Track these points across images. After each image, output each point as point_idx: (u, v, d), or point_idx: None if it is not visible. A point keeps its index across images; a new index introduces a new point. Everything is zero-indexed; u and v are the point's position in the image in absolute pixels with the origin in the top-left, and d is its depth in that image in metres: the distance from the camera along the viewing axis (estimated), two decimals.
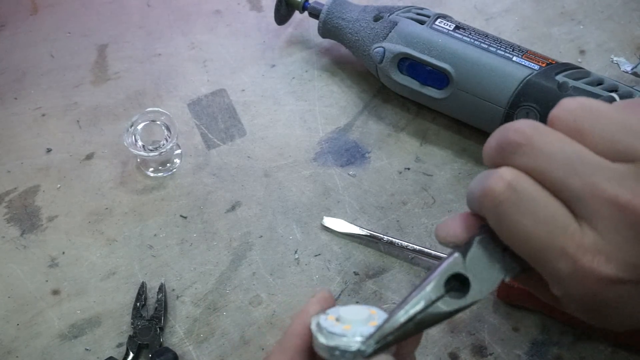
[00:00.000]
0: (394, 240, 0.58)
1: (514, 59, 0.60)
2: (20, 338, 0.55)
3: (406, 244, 0.58)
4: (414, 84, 0.63)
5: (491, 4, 0.76)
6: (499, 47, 0.61)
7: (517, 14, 0.75)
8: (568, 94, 0.58)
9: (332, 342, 0.37)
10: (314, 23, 0.70)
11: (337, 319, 0.38)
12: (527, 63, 0.60)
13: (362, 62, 0.68)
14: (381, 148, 0.65)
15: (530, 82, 0.59)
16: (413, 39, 0.62)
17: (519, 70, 0.59)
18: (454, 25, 0.63)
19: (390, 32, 0.63)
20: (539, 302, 0.54)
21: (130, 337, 0.54)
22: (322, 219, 0.61)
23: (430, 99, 0.64)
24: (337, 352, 0.37)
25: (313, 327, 0.39)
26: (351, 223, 0.60)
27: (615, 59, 0.67)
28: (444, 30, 0.62)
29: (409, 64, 0.63)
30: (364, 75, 0.70)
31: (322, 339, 0.37)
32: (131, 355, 0.53)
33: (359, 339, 0.37)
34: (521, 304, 0.55)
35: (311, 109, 0.68)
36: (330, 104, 0.68)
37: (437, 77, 0.62)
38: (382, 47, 0.63)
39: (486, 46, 0.61)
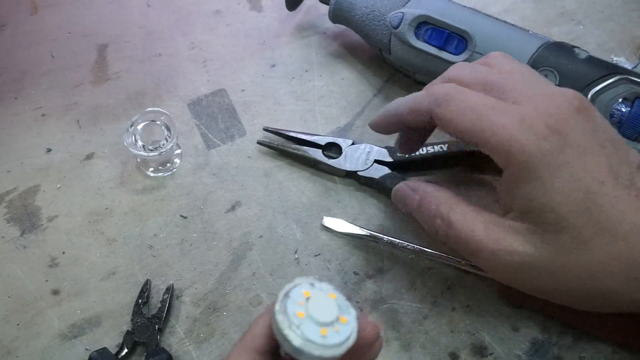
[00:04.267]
0: (394, 240, 0.58)
1: (530, 32, 0.62)
2: (20, 338, 0.55)
3: (406, 244, 0.58)
4: (431, 49, 0.63)
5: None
6: (514, 26, 0.63)
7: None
8: (584, 58, 0.59)
9: (294, 342, 0.37)
10: (315, 22, 0.70)
11: (305, 311, 0.38)
12: (542, 36, 0.62)
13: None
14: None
15: (548, 47, 0.60)
16: (433, 6, 0.63)
17: (536, 38, 0.61)
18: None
19: (409, 1, 0.64)
20: (539, 302, 0.54)
21: (128, 333, 0.54)
22: (322, 219, 0.61)
23: (446, 65, 0.62)
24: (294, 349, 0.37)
25: (277, 307, 0.38)
26: (351, 223, 0.60)
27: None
28: (463, 4, 0.64)
29: (426, 29, 0.63)
30: (365, 75, 0.70)
31: (287, 333, 0.37)
32: (125, 350, 0.53)
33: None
34: (521, 303, 0.55)
35: (311, 109, 0.68)
36: (330, 104, 0.68)
37: (455, 41, 0.62)
38: (402, 12, 0.62)
39: (503, 22, 0.63)
